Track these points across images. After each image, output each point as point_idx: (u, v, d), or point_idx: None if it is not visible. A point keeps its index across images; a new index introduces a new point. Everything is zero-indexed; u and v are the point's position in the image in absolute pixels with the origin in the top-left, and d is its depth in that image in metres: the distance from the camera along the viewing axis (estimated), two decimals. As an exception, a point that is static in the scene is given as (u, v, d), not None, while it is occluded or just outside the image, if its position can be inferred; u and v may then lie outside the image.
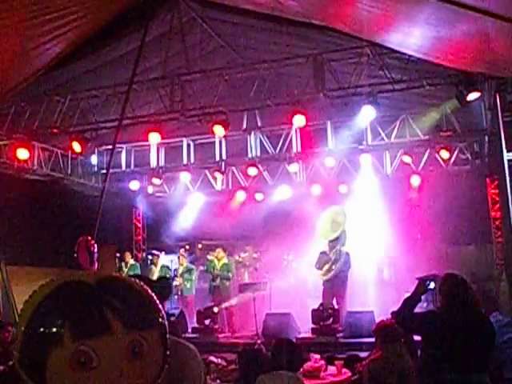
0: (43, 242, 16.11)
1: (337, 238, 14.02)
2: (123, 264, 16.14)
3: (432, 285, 5.58)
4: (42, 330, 1.68)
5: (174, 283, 15.63)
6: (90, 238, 9.12)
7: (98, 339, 1.64)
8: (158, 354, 1.77)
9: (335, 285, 13.60)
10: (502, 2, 7.09)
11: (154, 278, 16.00)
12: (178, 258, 16.21)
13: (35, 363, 1.69)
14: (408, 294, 5.60)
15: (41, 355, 1.68)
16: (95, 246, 9.17)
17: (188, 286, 15.69)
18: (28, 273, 15.78)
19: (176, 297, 15.90)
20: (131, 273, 16.01)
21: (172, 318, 13.23)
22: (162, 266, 16.34)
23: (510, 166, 11.49)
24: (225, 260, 15.35)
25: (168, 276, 15.36)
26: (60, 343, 1.66)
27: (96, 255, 9.25)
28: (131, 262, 16.51)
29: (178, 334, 12.73)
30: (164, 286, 3.49)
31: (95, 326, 1.65)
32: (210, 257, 15.55)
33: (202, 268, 16.30)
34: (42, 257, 16.07)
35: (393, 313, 5.60)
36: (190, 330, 13.80)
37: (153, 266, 16.38)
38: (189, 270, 15.79)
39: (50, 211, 16.33)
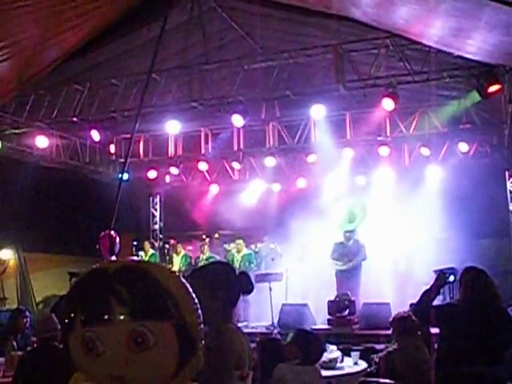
0: (61, 229, 16.24)
1: (354, 229, 14.02)
2: (143, 253, 16.16)
3: (451, 278, 5.56)
4: (63, 315, 1.76)
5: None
6: (113, 232, 9.23)
7: (101, 326, 1.68)
8: (171, 346, 1.74)
9: (350, 275, 13.61)
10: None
11: (176, 266, 16.06)
12: (201, 246, 16.19)
13: (64, 344, 1.79)
14: (426, 287, 5.58)
15: (65, 338, 1.77)
16: (117, 238, 9.27)
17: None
18: (45, 259, 15.92)
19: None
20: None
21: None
22: (184, 255, 16.34)
23: (529, 160, 11.41)
24: (245, 251, 15.35)
25: (246, 271, 15.35)
26: (74, 328, 1.73)
27: (118, 246, 9.35)
28: (151, 251, 16.55)
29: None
30: (246, 281, 3.56)
31: (100, 313, 1.68)
32: (228, 247, 15.55)
33: (218, 258, 16.29)
34: (59, 244, 16.20)
35: (412, 304, 5.58)
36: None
37: (175, 255, 16.39)
38: (210, 260, 15.79)
39: (69, 199, 16.44)
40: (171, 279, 1.81)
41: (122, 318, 1.67)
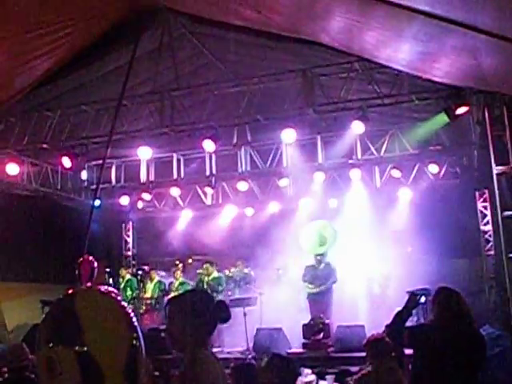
0: (33, 257, 16.06)
1: (325, 252, 14.11)
2: (120, 279, 16.03)
3: (423, 299, 5.59)
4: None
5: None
6: (91, 257, 9.21)
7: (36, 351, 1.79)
8: (73, 374, 1.71)
9: (322, 298, 13.67)
10: (491, 18, 7.15)
11: (149, 293, 15.96)
12: (174, 272, 16.11)
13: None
14: (399, 308, 5.61)
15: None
16: (95, 263, 9.25)
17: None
18: (18, 288, 15.72)
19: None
20: (128, 288, 15.96)
21: (162, 334, 13.18)
22: (158, 282, 16.25)
23: (498, 180, 11.54)
24: (215, 274, 15.32)
25: (223, 299, 15.22)
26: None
27: (96, 271, 9.33)
28: (128, 276, 16.42)
29: (168, 349, 12.70)
30: (222, 309, 3.56)
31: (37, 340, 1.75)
32: (199, 272, 15.50)
33: (191, 283, 16.21)
34: (31, 272, 16.02)
35: (386, 326, 5.60)
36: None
37: (148, 281, 16.29)
38: (184, 285, 15.70)
39: (40, 227, 16.29)
40: (90, 307, 1.79)
41: (42, 343, 1.69)
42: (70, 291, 1.98)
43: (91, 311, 1.79)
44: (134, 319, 1.85)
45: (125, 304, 1.90)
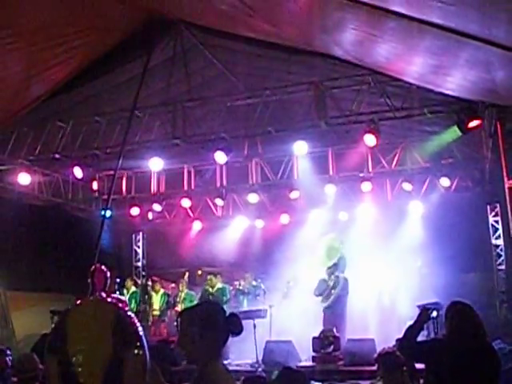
0: (43, 267, 16.07)
1: (334, 265, 14.04)
2: (125, 291, 16.02)
3: (434, 313, 5.57)
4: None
5: (175, 310, 15.59)
6: (104, 266, 9.22)
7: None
8: (54, 381, 1.78)
9: (334, 311, 13.58)
10: (504, 31, 7.14)
11: (156, 305, 15.97)
12: (178, 284, 16.13)
13: None
14: (410, 322, 5.57)
15: None
16: (108, 272, 9.26)
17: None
18: (28, 298, 15.75)
19: (175, 323, 15.74)
20: (133, 300, 15.94)
21: (171, 346, 13.16)
22: (163, 294, 16.27)
23: (510, 194, 11.50)
24: (219, 285, 15.32)
25: (236, 312, 15.20)
26: None
27: (109, 281, 9.33)
28: (133, 288, 16.41)
29: (177, 361, 12.66)
30: (235, 322, 3.56)
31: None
32: (205, 285, 15.50)
33: (195, 295, 16.18)
34: (41, 282, 16.03)
35: (398, 340, 5.56)
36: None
37: (153, 293, 16.31)
38: (189, 297, 15.68)
39: (51, 237, 16.31)
40: (82, 317, 1.82)
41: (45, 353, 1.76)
42: (78, 302, 2.02)
43: (81, 321, 1.82)
44: (136, 329, 1.86)
45: (129, 313, 1.90)
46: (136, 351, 1.79)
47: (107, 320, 1.81)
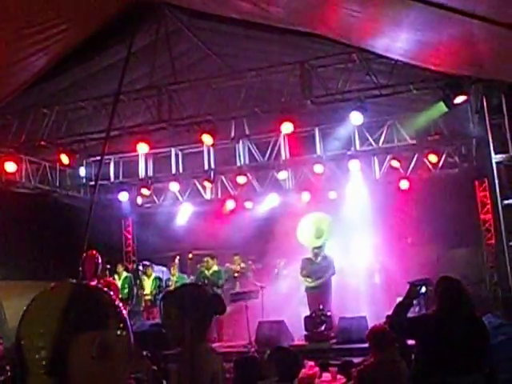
0: (32, 255, 16.03)
1: (321, 245, 14.06)
2: (116, 276, 15.99)
3: (423, 289, 5.56)
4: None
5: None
6: (95, 252, 9.19)
7: None
8: (12, 367, 1.80)
9: (320, 291, 13.62)
10: (488, 5, 7.12)
11: (148, 289, 15.98)
12: (169, 268, 16.14)
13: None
14: (400, 299, 5.59)
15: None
16: (99, 258, 9.25)
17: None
18: (18, 287, 15.69)
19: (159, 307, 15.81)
20: (125, 284, 15.93)
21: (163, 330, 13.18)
22: (155, 278, 16.28)
23: (498, 168, 11.53)
24: (215, 268, 15.33)
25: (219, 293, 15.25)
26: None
27: (100, 267, 9.32)
28: (124, 274, 16.39)
29: (168, 345, 12.67)
30: (217, 302, 3.58)
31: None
32: (199, 267, 15.50)
33: (192, 278, 16.21)
34: (30, 271, 15.98)
35: (388, 316, 5.58)
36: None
37: (145, 277, 16.32)
38: (180, 280, 15.70)
39: (39, 224, 16.25)
40: (41, 299, 1.82)
41: None
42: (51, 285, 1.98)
43: (38, 304, 1.80)
44: (110, 310, 1.82)
45: (97, 293, 1.86)
46: (119, 332, 1.76)
47: (59, 300, 1.78)
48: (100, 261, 9.34)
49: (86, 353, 1.69)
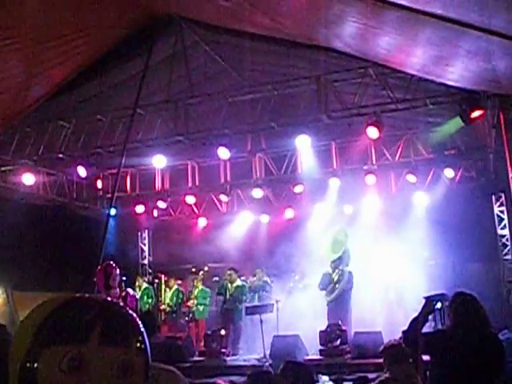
0: (49, 267, 16.09)
1: (339, 258, 13.97)
2: (137, 289, 16.00)
3: (439, 304, 5.53)
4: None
5: (187, 305, 15.65)
6: (109, 263, 9.19)
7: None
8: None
9: (339, 305, 13.54)
10: (504, 20, 7.12)
11: (167, 301, 15.97)
12: (193, 280, 16.11)
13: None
14: (415, 314, 5.57)
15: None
16: (114, 270, 9.22)
17: (201, 309, 15.57)
18: (34, 298, 15.75)
19: (186, 319, 15.82)
20: (145, 296, 15.96)
21: (179, 342, 13.18)
22: (176, 290, 16.25)
23: (515, 184, 11.46)
24: (238, 282, 15.25)
25: (151, 311, 15.21)
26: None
27: (118, 279, 9.30)
28: (144, 285, 16.42)
29: (185, 357, 12.67)
30: (149, 321, 3.50)
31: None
32: (223, 278, 15.43)
33: (209, 291, 16.20)
34: (47, 282, 16.05)
35: (403, 332, 5.56)
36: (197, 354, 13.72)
37: (167, 289, 16.31)
38: (202, 294, 15.70)
39: (56, 236, 16.33)
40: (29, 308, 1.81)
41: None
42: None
43: (27, 316, 1.79)
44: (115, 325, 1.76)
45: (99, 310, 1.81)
46: (101, 346, 1.71)
47: (42, 313, 1.77)
48: (114, 273, 9.32)
49: (55, 366, 1.65)
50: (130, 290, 11.06)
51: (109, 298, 1.84)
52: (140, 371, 1.70)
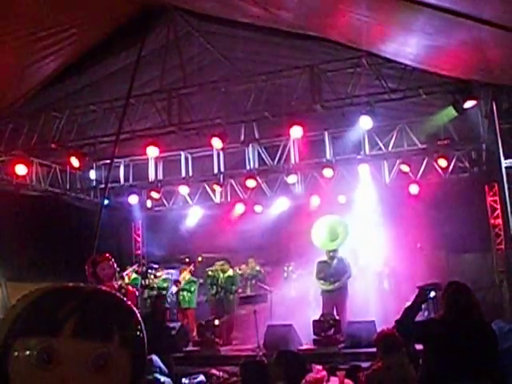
0: (43, 257, 16.09)
1: (336, 248, 14.01)
2: (126, 277, 16.02)
3: (432, 293, 5.56)
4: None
5: (170, 294, 15.68)
6: (108, 255, 9.12)
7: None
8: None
9: (337, 295, 13.56)
10: (497, 10, 7.12)
11: (154, 292, 15.97)
12: (180, 270, 16.15)
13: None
14: (409, 303, 5.59)
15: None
16: (108, 261, 9.13)
17: (187, 298, 15.58)
18: (28, 289, 15.73)
19: (175, 310, 15.86)
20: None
21: (173, 332, 13.21)
22: (163, 279, 16.28)
23: (507, 173, 11.50)
24: (230, 272, 15.27)
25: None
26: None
27: (110, 270, 9.22)
28: (134, 275, 16.43)
29: (179, 348, 12.71)
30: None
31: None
32: (213, 268, 15.45)
33: (201, 281, 16.22)
34: (42, 272, 16.05)
35: (396, 321, 5.58)
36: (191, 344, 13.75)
37: (154, 279, 16.34)
38: (189, 283, 15.70)
39: (49, 227, 16.32)
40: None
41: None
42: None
43: (11, 307, 1.74)
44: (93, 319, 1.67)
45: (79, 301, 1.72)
46: (76, 340, 1.61)
47: (21, 303, 1.71)
48: (104, 263, 9.24)
49: (26, 358, 1.57)
50: (130, 287, 11.05)
51: (102, 288, 1.77)
52: (122, 366, 1.62)
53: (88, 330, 1.57)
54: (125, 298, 1.75)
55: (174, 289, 15.74)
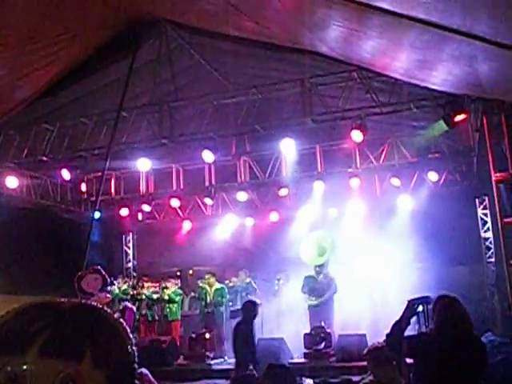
0: (33, 270, 16.01)
1: (323, 263, 14.04)
2: (117, 289, 15.92)
3: (420, 307, 5.55)
4: None
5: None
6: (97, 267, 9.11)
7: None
8: None
9: (321, 309, 13.59)
10: (487, 25, 7.17)
11: (143, 303, 15.87)
12: (165, 282, 16.07)
13: None
14: (397, 318, 5.58)
15: None
16: (94, 274, 9.13)
17: (174, 309, 15.51)
18: (17, 301, 15.61)
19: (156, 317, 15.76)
20: (123, 297, 15.88)
21: (163, 346, 13.16)
22: (153, 291, 16.21)
23: (498, 187, 11.53)
24: (217, 285, 15.22)
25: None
26: None
27: (97, 283, 9.21)
28: (124, 286, 16.34)
29: (170, 361, 12.64)
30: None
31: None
32: (201, 283, 15.39)
33: (193, 294, 16.17)
34: (31, 285, 15.97)
35: (386, 335, 5.57)
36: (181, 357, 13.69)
37: (144, 290, 16.26)
38: (176, 295, 15.61)
39: (40, 239, 16.25)
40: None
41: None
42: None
43: None
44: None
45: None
46: (42, 360, 1.52)
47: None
48: (90, 276, 9.22)
49: None
50: (128, 304, 10.97)
51: (86, 303, 1.69)
52: None
53: (56, 348, 1.47)
54: (117, 315, 1.70)
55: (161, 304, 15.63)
